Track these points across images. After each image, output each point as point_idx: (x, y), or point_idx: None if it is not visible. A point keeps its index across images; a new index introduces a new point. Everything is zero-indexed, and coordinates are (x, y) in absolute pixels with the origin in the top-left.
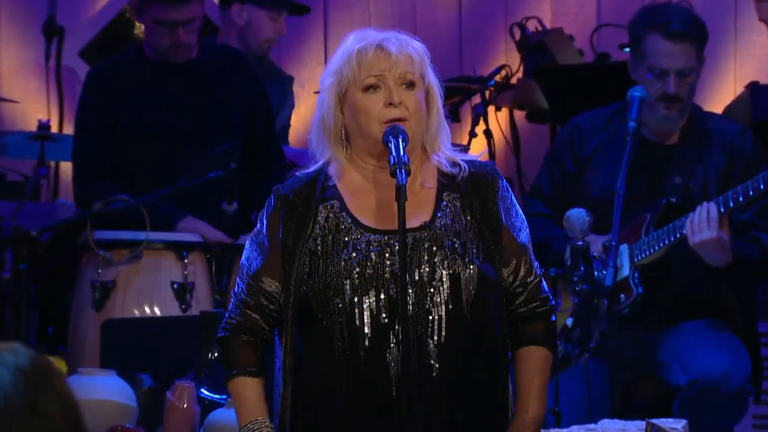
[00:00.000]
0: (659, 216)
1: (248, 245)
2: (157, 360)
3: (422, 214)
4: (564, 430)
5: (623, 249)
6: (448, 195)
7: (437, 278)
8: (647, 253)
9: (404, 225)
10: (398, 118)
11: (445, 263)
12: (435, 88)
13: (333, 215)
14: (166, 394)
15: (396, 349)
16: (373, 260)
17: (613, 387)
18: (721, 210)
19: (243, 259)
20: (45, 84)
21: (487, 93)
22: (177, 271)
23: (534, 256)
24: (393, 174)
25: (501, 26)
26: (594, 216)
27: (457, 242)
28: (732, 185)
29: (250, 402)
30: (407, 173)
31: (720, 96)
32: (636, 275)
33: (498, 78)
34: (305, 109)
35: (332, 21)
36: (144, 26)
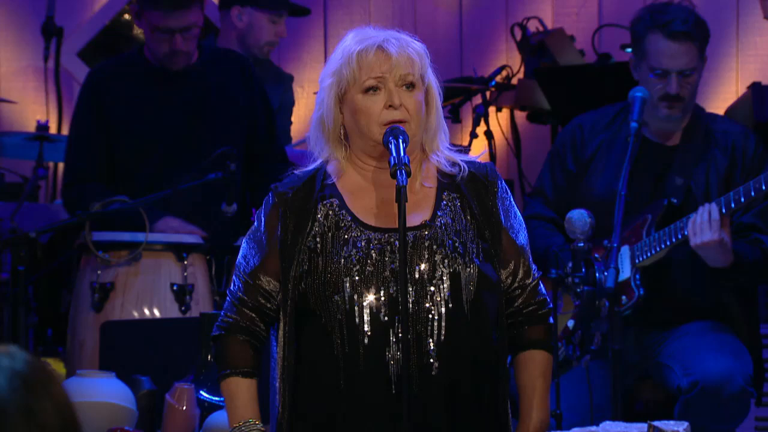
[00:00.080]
0: (660, 217)
1: (245, 243)
2: (157, 362)
3: (422, 213)
4: None
5: (624, 250)
6: (448, 194)
7: (437, 277)
8: (648, 255)
9: (404, 226)
10: (398, 120)
11: (446, 262)
12: (434, 89)
13: (333, 213)
14: (166, 397)
15: (395, 348)
16: (374, 258)
17: (615, 389)
18: (722, 211)
19: (239, 258)
20: (43, 85)
21: (488, 94)
22: (176, 273)
23: (532, 259)
24: (393, 175)
25: (502, 26)
26: (595, 217)
27: (458, 241)
28: (733, 186)
29: (242, 403)
30: (408, 174)
31: (722, 96)
32: (637, 277)
33: (499, 78)
34: (305, 110)
35: (332, 21)
36: (143, 31)
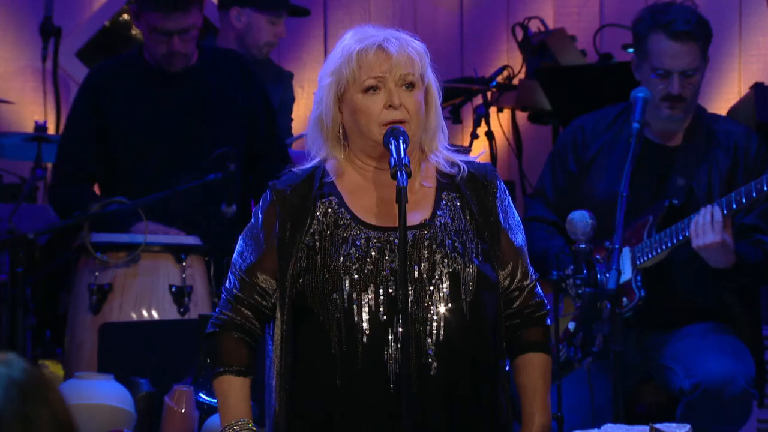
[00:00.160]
0: (662, 218)
1: (241, 240)
2: (155, 364)
3: (422, 212)
4: None
5: (625, 251)
6: (448, 194)
7: (437, 276)
8: (650, 256)
9: (405, 227)
10: (398, 120)
11: (445, 261)
12: (434, 89)
13: (331, 211)
14: (164, 399)
15: (394, 347)
16: (373, 257)
17: (616, 391)
18: (724, 212)
19: (235, 255)
20: (42, 85)
21: (489, 94)
22: (175, 274)
23: (529, 260)
24: (394, 176)
25: (503, 26)
26: (597, 218)
27: (457, 241)
28: (735, 187)
29: (235, 402)
30: (408, 175)
31: (724, 97)
32: (638, 278)
33: (500, 79)
34: (305, 111)
35: (332, 21)
36: (142, 32)
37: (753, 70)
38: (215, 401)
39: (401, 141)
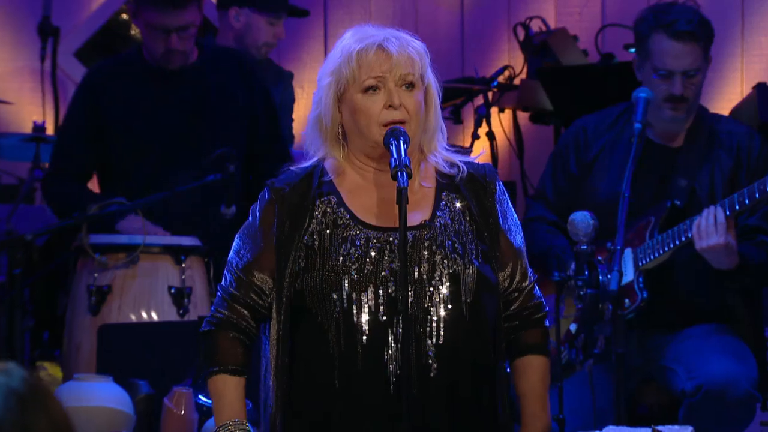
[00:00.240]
0: (664, 219)
1: (238, 239)
2: (154, 366)
3: (421, 212)
4: None
5: (627, 253)
6: (447, 195)
7: (437, 277)
8: (652, 257)
9: (405, 228)
10: (398, 121)
11: (445, 262)
12: (433, 89)
13: (331, 210)
14: (164, 401)
15: (394, 348)
16: (372, 257)
17: (618, 393)
18: (727, 213)
19: (232, 253)
20: (40, 85)
21: (490, 94)
22: (174, 276)
23: (528, 261)
24: (394, 176)
25: (504, 26)
26: (599, 219)
27: (457, 242)
28: (738, 188)
29: (230, 402)
30: (408, 176)
31: (727, 97)
32: (640, 279)
33: (501, 79)
34: (305, 111)
35: (332, 21)
36: (140, 30)
37: (755, 70)
38: None
39: (402, 141)
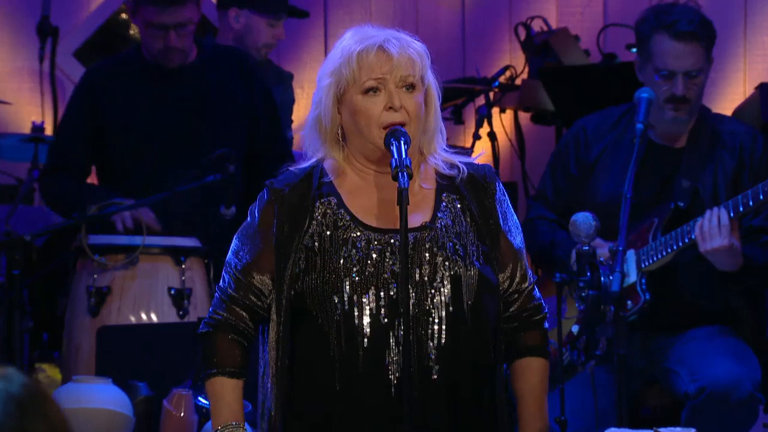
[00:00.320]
0: (667, 221)
1: (236, 240)
2: (154, 367)
3: (422, 214)
4: None
5: (630, 254)
6: (447, 196)
7: (438, 279)
8: (655, 259)
9: (406, 229)
10: (398, 123)
11: (447, 264)
12: (434, 90)
13: (331, 212)
14: (163, 403)
15: (395, 350)
16: (374, 259)
17: (620, 395)
18: (731, 215)
19: (230, 254)
20: (39, 86)
21: (491, 94)
22: (174, 277)
23: (527, 262)
24: (395, 177)
25: (505, 26)
26: (600, 220)
27: (458, 244)
28: (741, 189)
29: (228, 404)
30: (409, 176)
31: (729, 97)
32: (643, 281)
33: (502, 79)
34: (305, 111)
35: (332, 21)
36: (138, 28)
37: (758, 71)
38: None
39: (402, 142)
